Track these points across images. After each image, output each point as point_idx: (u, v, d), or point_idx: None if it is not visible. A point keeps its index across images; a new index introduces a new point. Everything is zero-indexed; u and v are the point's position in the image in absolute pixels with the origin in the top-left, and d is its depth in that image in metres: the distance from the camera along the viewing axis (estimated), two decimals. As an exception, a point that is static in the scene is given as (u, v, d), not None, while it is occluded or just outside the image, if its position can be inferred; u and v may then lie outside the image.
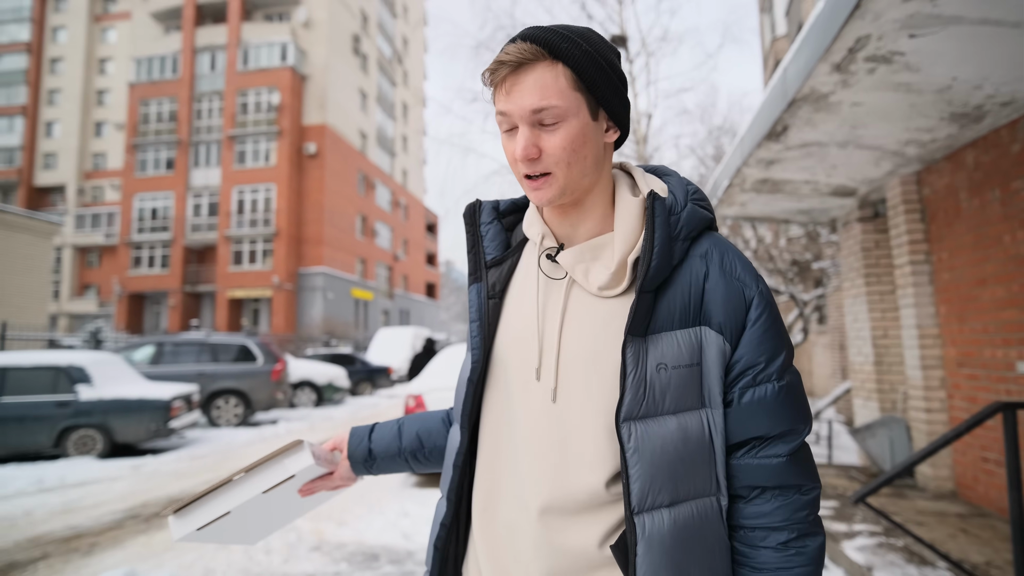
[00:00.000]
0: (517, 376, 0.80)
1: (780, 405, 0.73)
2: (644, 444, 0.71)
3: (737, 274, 0.75)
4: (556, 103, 0.71)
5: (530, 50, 0.71)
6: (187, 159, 30.76)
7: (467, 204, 0.88)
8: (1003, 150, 3.67)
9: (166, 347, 10.35)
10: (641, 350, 0.71)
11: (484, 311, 0.83)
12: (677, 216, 0.76)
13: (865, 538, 3.47)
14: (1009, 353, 3.66)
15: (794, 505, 0.73)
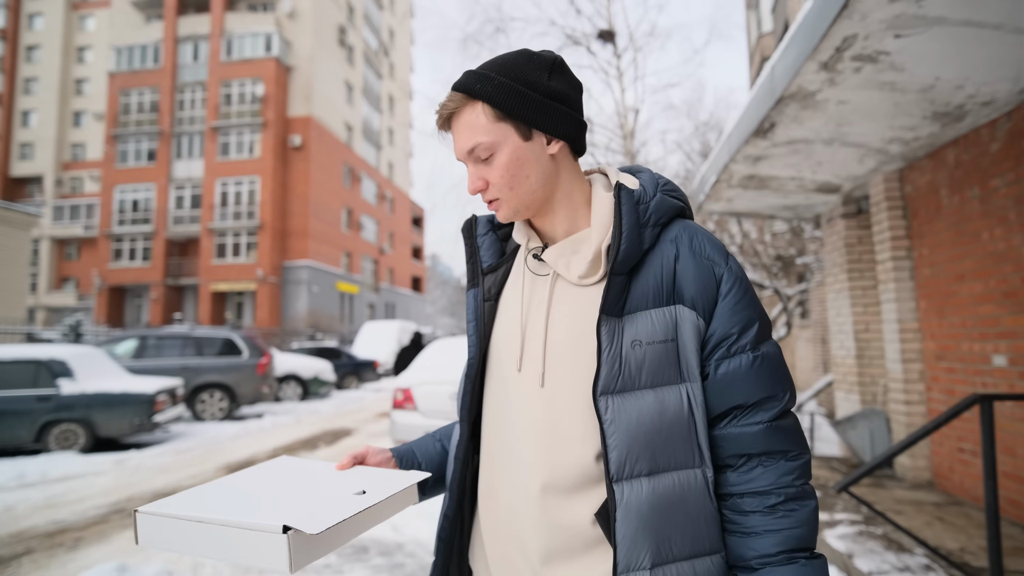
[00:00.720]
0: (509, 369, 0.84)
1: (756, 374, 0.76)
2: (620, 416, 0.74)
3: (706, 253, 0.79)
4: (481, 139, 0.79)
5: (455, 98, 0.80)
6: (169, 150, 30.28)
7: (465, 220, 0.95)
8: (983, 149, 3.75)
9: (149, 340, 10.23)
10: (616, 328, 0.76)
11: (480, 312, 0.89)
12: (646, 205, 0.81)
13: (846, 526, 3.56)
14: (985, 347, 3.76)
15: (780, 470, 0.76)
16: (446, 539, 0.91)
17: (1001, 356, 3.61)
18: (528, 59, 0.81)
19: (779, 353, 0.80)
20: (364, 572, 3.41)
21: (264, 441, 8.18)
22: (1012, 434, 3.46)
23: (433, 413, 5.65)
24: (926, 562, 2.98)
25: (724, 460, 0.78)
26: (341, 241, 33.45)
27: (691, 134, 15.58)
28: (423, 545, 3.87)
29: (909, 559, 3.02)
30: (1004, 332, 3.58)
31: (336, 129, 32.99)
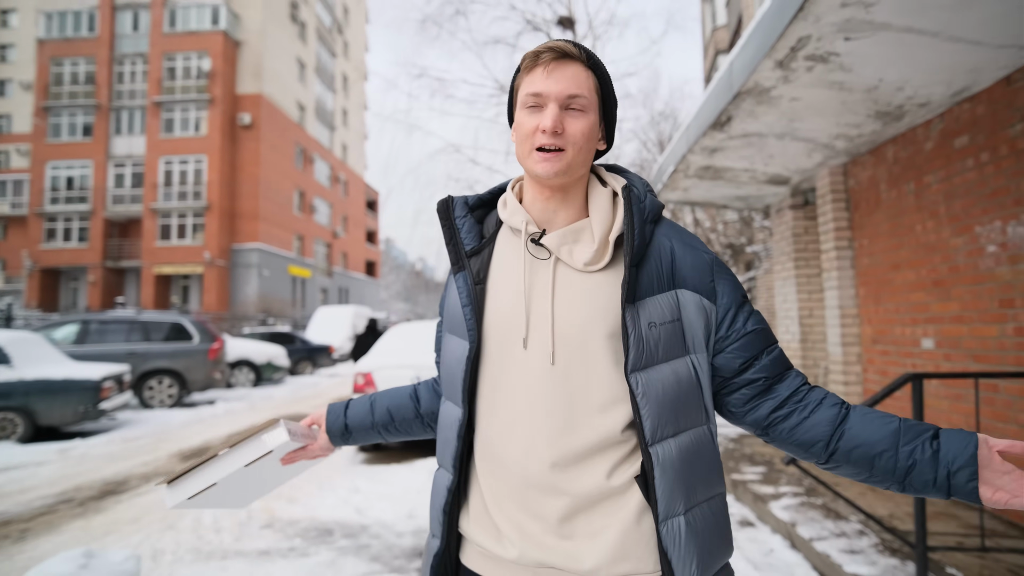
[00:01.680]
0: (511, 349, 0.90)
1: (763, 321, 0.94)
2: (649, 389, 0.85)
3: (696, 245, 0.93)
4: (587, 95, 0.88)
5: (574, 50, 0.88)
6: (107, 125, 28.64)
7: (439, 200, 0.99)
8: (918, 147, 4.02)
9: (92, 325, 9.78)
10: (635, 314, 0.86)
11: (473, 296, 0.93)
12: (643, 204, 0.92)
13: (789, 499, 3.81)
14: (916, 331, 4.07)
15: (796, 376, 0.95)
16: (449, 512, 0.96)
17: (929, 339, 3.91)
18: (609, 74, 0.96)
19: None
20: (329, 554, 3.44)
21: (217, 428, 8.00)
22: (936, 411, 3.77)
23: (395, 397, 5.67)
24: (860, 528, 3.24)
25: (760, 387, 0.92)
26: (293, 224, 32.56)
27: (647, 124, 15.87)
28: (387, 526, 3.93)
29: (846, 526, 3.28)
30: (932, 317, 3.89)
31: (288, 108, 31.93)
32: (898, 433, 0.84)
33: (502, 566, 0.91)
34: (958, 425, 3.61)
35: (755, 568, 3.08)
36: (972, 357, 3.52)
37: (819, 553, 2.97)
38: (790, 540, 3.37)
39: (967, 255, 3.56)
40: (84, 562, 2.12)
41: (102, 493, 4.89)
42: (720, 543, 0.89)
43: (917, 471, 0.83)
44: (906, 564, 2.74)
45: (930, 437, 0.84)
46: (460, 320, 0.95)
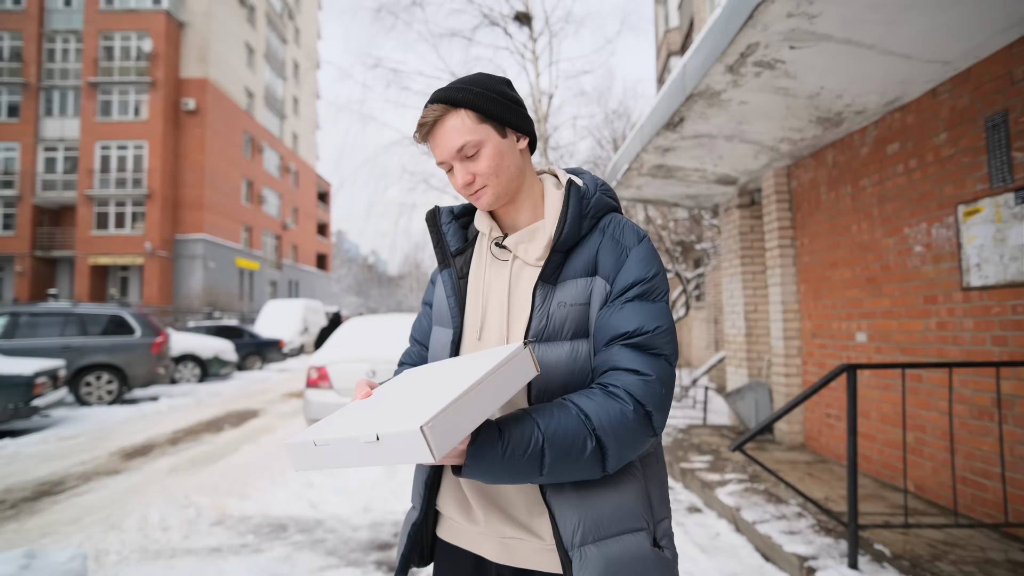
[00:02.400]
0: (473, 338, 1.02)
1: (629, 312, 0.92)
2: (543, 359, 0.94)
3: (622, 238, 0.98)
4: (469, 138, 0.95)
5: (438, 108, 0.95)
6: (36, 106, 26.87)
7: (428, 211, 1.12)
8: (855, 152, 4.27)
9: (22, 318, 9.22)
10: (549, 292, 0.96)
11: (457, 288, 1.06)
12: (588, 200, 1.01)
13: (734, 485, 4.00)
14: (851, 325, 4.32)
15: (628, 380, 0.92)
16: (431, 486, 1.05)
17: (863, 333, 4.17)
18: (490, 76, 1.00)
19: (662, 308, 0.95)
20: (284, 549, 3.41)
21: (162, 424, 7.71)
22: (867, 400, 4.04)
23: (349, 391, 5.61)
24: (799, 510, 3.44)
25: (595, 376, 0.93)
26: (240, 214, 31.47)
27: (601, 122, 16.10)
28: (343, 520, 3.90)
29: (785, 508, 3.47)
30: (866, 312, 4.14)
31: (235, 94, 30.78)
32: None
33: (472, 536, 1.01)
34: (886, 412, 3.88)
35: (702, 551, 3.23)
36: (900, 349, 3.78)
37: (761, 535, 3.14)
38: (735, 524, 3.54)
39: (897, 255, 3.82)
40: (25, 563, 2.05)
41: (36, 494, 4.66)
42: (620, 512, 0.90)
43: None
44: (839, 542, 2.93)
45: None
46: (445, 310, 1.07)
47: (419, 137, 0.98)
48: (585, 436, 0.83)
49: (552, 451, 0.81)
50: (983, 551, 2.75)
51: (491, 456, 0.78)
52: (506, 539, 0.97)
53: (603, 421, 0.84)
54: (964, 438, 3.19)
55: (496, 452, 0.78)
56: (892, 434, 3.84)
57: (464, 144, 0.94)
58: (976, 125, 3.16)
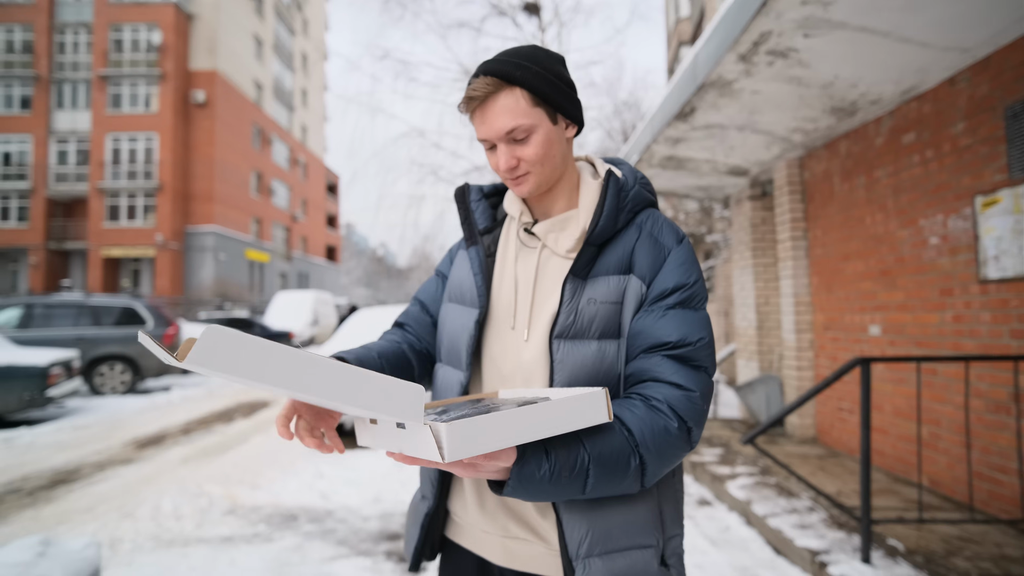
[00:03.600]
0: (505, 326, 0.97)
1: (668, 321, 0.87)
2: (568, 358, 0.89)
3: (660, 237, 0.94)
4: (522, 122, 0.88)
5: (492, 83, 0.87)
6: (48, 98, 27.08)
7: (456, 188, 1.07)
8: (869, 142, 4.20)
9: (36, 309, 9.33)
10: (579, 288, 0.90)
11: (484, 266, 1.01)
12: (627, 193, 0.96)
13: (745, 479, 3.98)
14: (864, 318, 4.28)
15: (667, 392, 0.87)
16: (444, 481, 1.02)
17: (876, 326, 4.13)
18: (547, 53, 0.92)
19: (703, 317, 0.91)
20: (295, 539, 3.43)
21: (174, 415, 7.80)
22: (881, 393, 3.99)
23: (359, 383, 5.64)
24: (810, 504, 3.42)
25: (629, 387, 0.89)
26: (250, 207, 31.62)
27: (611, 113, 15.98)
28: (353, 511, 3.93)
29: (797, 503, 3.45)
30: (879, 305, 4.09)
31: (244, 86, 30.85)
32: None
33: (476, 536, 0.99)
34: (900, 406, 3.84)
35: (712, 544, 3.22)
36: (915, 343, 3.73)
37: (772, 529, 3.12)
38: (745, 517, 3.53)
39: (912, 247, 3.76)
40: (41, 550, 2.06)
41: (52, 482, 4.72)
42: (630, 526, 0.87)
43: None
44: (852, 537, 2.91)
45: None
46: (470, 287, 1.01)
47: (465, 109, 0.91)
48: (629, 454, 0.79)
49: (596, 470, 0.77)
50: (999, 547, 2.72)
51: (537, 478, 0.74)
52: (510, 539, 0.95)
53: (646, 437, 0.80)
54: (980, 433, 3.15)
55: (543, 474, 0.74)
56: (906, 428, 3.80)
57: (515, 127, 0.88)
58: (995, 114, 3.10)
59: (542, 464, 0.74)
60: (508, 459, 0.71)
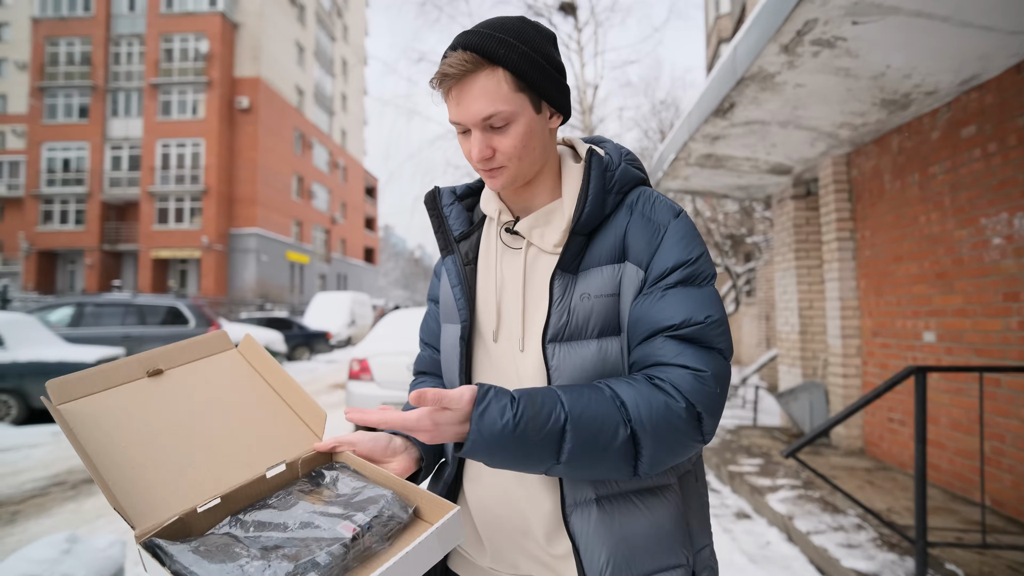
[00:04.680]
0: (489, 338, 0.88)
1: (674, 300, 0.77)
2: (564, 363, 0.80)
3: (654, 215, 0.83)
4: (502, 108, 0.76)
5: (471, 60, 0.75)
6: (104, 107, 28.36)
7: (427, 192, 0.95)
8: (924, 137, 3.95)
9: (87, 308, 9.72)
10: (570, 283, 0.81)
11: (463, 276, 0.90)
12: (612, 172, 0.85)
13: (786, 491, 3.79)
14: (917, 324, 4.02)
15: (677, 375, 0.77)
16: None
17: (931, 332, 3.87)
18: (536, 29, 0.80)
19: (710, 292, 0.80)
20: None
21: (213, 413, 7.97)
22: (937, 404, 3.74)
23: (390, 384, 5.63)
24: (858, 521, 3.21)
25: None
26: (291, 209, 32.39)
27: (648, 112, 15.73)
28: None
29: (843, 519, 3.25)
30: (935, 310, 3.84)
31: (286, 92, 31.64)
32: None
33: (482, 573, 0.90)
34: (958, 419, 3.58)
35: (751, 561, 3.05)
36: (974, 351, 3.48)
37: (816, 547, 2.94)
38: (787, 533, 3.34)
39: (972, 247, 3.51)
40: (67, 547, 2.08)
41: (94, 477, 4.86)
42: (655, 545, 0.78)
43: None
44: (905, 559, 2.71)
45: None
46: (452, 304, 0.92)
47: (437, 86, 0.79)
48: (618, 423, 0.69)
49: (575, 434, 0.67)
50: (1071, 575, 2.48)
51: (499, 428, 0.65)
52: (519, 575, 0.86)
53: (642, 412, 0.70)
54: (1048, 449, 2.90)
55: (506, 423, 0.65)
56: (965, 442, 3.54)
57: (494, 114, 0.76)
58: (1068, 103, 2.85)
59: (505, 412, 0.66)
60: (459, 403, 0.66)
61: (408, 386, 5.47)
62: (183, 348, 0.86)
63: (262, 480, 0.73)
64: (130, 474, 0.67)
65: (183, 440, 0.74)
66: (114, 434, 0.71)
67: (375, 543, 0.64)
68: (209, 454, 0.73)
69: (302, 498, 0.71)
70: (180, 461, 0.71)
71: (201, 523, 0.67)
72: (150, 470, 0.68)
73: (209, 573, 0.56)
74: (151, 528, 0.62)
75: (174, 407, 0.78)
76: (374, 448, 0.80)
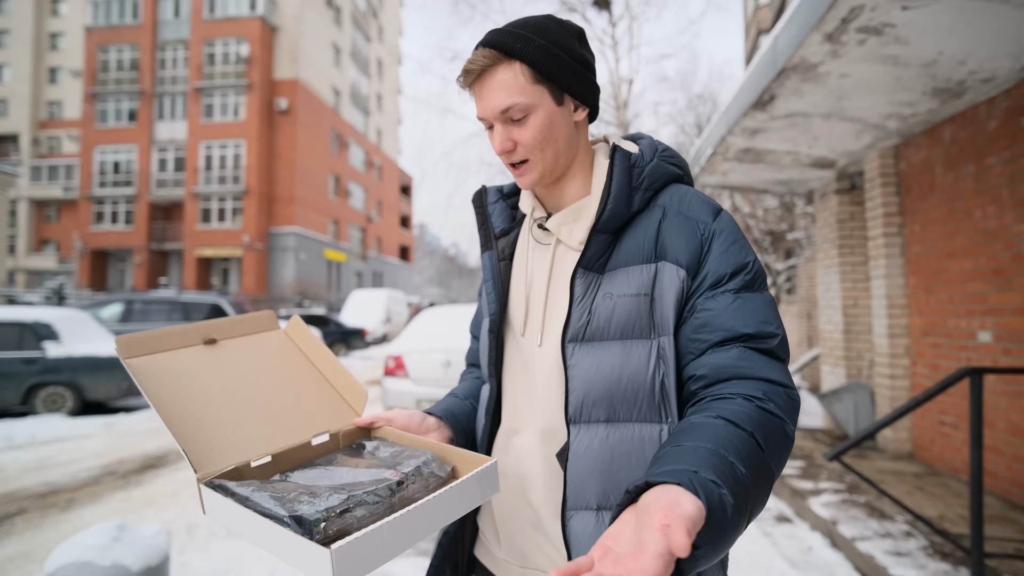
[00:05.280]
0: (517, 332, 0.89)
1: (736, 311, 0.75)
2: (581, 362, 0.79)
3: (693, 214, 0.80)
4: (519, 100, 0.78)
5: (489, 55, 0.78)
6: (151, 111, 29.46)
7: (475, 191, 1.00)
8: (980, 126, 3.76)
9: (135, 305, 10.12)
10: (593, 282, 0.80)
11: (496, 271, 0.93)
12: (640, 169, 0.83)
13: (830, 495, 3.67)
14: (972, 323, 3.83)
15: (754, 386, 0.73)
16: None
17: (987, 332, 3.69)
18: (559, 25, 0.81)
19: (770, 299, 0.78)
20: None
21: (254, 407, 8.20)
22: (994, 408, 3.56)
23: (424, 380, 5.67)
24: (907, 528, 3.08)
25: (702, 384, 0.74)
26: (328, 208, 33.04)
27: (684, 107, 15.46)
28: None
29: (891, 526, 3.12)
30: (991, 309, 3.65)
31: (323, 93, 32.25)
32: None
33: (501, 565, 0.91)
34: (1017, 423, 3.40)
35: (792, 566, 2.97)
36: (1034, 351, 3.30)
37: (862, 553, 2.83)
38: (830, 538, 3.24)
39: (1032, 242, 3.32)
40: (116, 535, 2.15)
41: (143, 467, 5.05)
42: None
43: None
44: (959, 570, 2.59)
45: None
46: (485, 294, 0.95)
47: (463, 83, 0.82)
48: (768, 462, 0.64)
49: (754, 490, 0.60)
50: None
51: (728, 519, 0.54)
52: (529, 569, 0.86)
53: (771, 444, 0.65)
54: (1117, 457, 2.73)
55: (731, 512, 0.55)
56: None
57: (511, 106, 0.78)
58: None
59: (725, 498, 0.54)
60: (692, 507, 0.50)
61: (443, 383, 5.50)
62: (235, 322, 0.91)
63: (307, 446, 0.79)
64: (190, 426, 0.72)
65: (236, 403, 0.79)
66: (174, 390, 0.76)
67: (417, 492, 0.67)
68: (259, 418, 0.78)
69: (346, 462, 0.75)
70: (233, 421, 0.76)
71: (253, 476, 0.72)
72: (207, 425, 0.73)
73: (267, 502, 0.61)
74: (211, 473, 0.68)
75: (227, 373, 0.83)
76: (409, 423, 0.85)
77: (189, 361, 0.81)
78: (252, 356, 0.88)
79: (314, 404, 0.86)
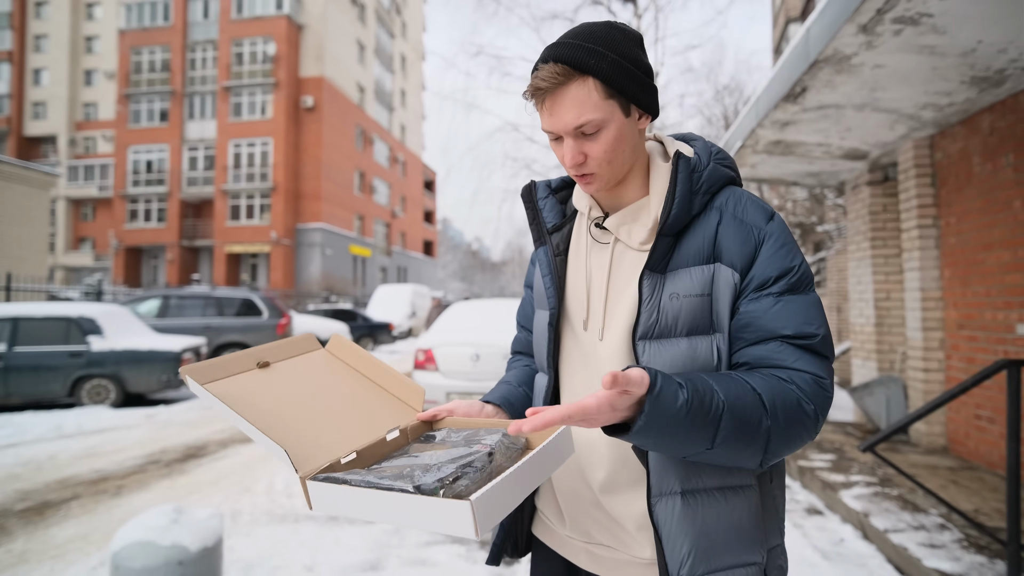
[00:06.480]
0: (578, 326, 0.93)
1: (779, 312, 0.79)
2: (655, 359, 0.82)
3: (748, 217, 0.84)
4: (592, 116, 0.79)
5: (562, 72, 0.78)
6: (181, 110, 30.14)
7: (524, 186, 1.01)
8: (1021, 115, 3.69)
9: (171, 300, 10.42)
10: (658, 283, 0.83)
11: (554, 266, 0.96)
12: (700, 173, 0.86)
13: (862, 488, 3.66)
14: (1010, 315, 3.77)
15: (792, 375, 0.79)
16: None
17: (1025, 325, 3.63)
18: (623, 34, 0.83)
19: (815, 300, 0.82)
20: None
21: (286, 399, 8.41)
22: (1032, 402, 3.50)
23: (454, 374, 5.77)
24: (941, 521, 3.07)
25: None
26: (353, 204, 33.43)
27: (711, 99, 15.27)
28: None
29: (924, 518, 3.11)
30: (1030, 301, 3.59)
31: (348, 90, 32.59)
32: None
33: (561, 540, 0.96)
34: (1055, 417, 3.35)
35: (824, 557, 2.98)
36: (1075, 345, 3.24)
37: (895, 545, 2.84)
38: (862, 530, 3.24)
39: (1073, 233, 3.26)
40: (175, 517, 2.27)
41: (185, 456, 5.24)
42: (734, 540, 0.81)
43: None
44: (995, 563, 2.58)
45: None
46: (543, 291, 0.98)
47: (531, 99, 0.83)
48: (761, 415, 0.71)
49: (729, 422, 0.69)
50: None
51: (673, 410, 0.65)
52: (593, 544, 0.91)
53: (776, 406, 0.72)
54: None
55: (680, 406, 0.66)
56: (1062, 442, 3.31)
57: (586, 123, 0.79)
58: None
59: (679, 394, 0.66)
60: (640, 387, 0.63)
61: (472, 376, 5.58)
62: (279, 346, 0.97)
63: (383, 442, 0.84)
64: (279, 434, 0.78)
65: (307, 413, 0.85)
66: (253, 407, 0.82)
67: (504, 462, 0.73)
68: (332, 424, 0.84)
69: (424, 449, 0.81)
70: (311, 428, 0.82)
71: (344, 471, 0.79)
72: (291, 433, 0.79)
73: (386, 480, 0.67)
74: (313, 470, 0.74)
75: (289, 391, 0.89)
76: (469, 412, 0.91)
77: (253, 383, 0.87)
78: (306, 374, 0.94)
79: (376, 407, 0.91)
